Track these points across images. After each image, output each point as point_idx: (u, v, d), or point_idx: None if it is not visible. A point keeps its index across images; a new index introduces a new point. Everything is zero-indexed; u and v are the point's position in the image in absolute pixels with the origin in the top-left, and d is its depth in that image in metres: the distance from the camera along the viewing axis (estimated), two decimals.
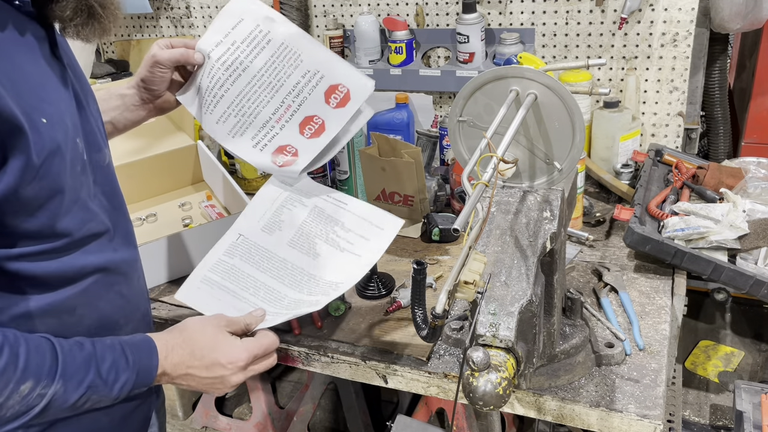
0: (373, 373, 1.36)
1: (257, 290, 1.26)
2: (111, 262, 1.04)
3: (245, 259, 1.30)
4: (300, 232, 1.32)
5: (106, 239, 1.03)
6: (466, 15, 2.04)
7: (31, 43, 0.91)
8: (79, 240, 0.97)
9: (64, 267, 0.96)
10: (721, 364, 2.67)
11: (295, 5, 2.32)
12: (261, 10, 1.28)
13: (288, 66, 1.28)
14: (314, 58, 1.28)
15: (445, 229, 1.75)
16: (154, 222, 1.97)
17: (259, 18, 1.28)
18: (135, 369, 0.98)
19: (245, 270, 1.29)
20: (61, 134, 0.90)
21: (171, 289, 1.64)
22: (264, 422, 2.40)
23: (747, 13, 1.85)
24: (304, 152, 1.30)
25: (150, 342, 1.03)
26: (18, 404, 0.85)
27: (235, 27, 1.28)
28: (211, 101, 1.30)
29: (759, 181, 1.67)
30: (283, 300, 1.24)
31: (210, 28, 1.29)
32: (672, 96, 2.03)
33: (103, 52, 2.82)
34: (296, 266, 1.29)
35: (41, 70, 0.92)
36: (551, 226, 1.12)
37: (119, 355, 0.98)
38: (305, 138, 1.30)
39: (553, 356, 1.22)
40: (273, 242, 1.31)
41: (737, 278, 1.46)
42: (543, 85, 1.09)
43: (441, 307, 0.95)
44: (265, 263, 1.29)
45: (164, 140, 2.06)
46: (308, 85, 1.29)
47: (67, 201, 0.93)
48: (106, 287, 1.04)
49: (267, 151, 1.31)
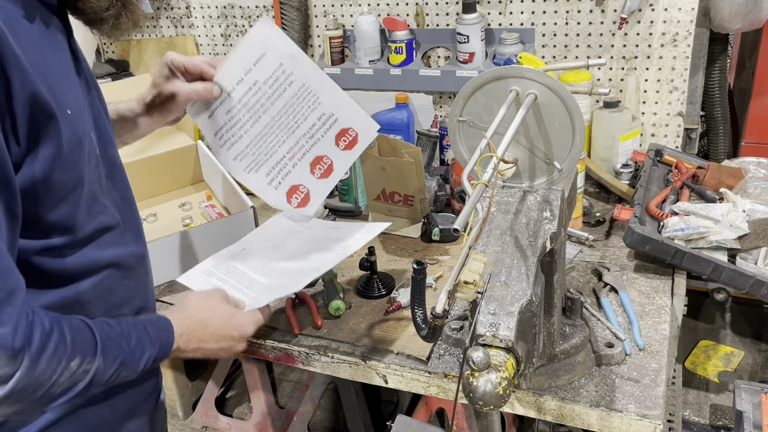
0: (373, 373, 1.36)
1: (251, 285, 1.35)
2: (122, 256, 1.06)
3: (244, 263, 1.40)
4: (298, 251, 1.43)
5: (117, 234, 1.05)
6: (466, 15, 2.04)
7: (54, 36, 0.93)
8: (93, 233, 0.99)
9: (81, 261, 0.98)
10: (721, 364, 2.67)
11: (295, 5, 2.32)
12: (284, 47, 1.26)
13: (306, 108, 1.29)
14: (331, 101, 1.30)
15: (445, 229, 1.75)
16: (155, 222, 1.97)
17: (282, 56, 1.26)
18: (156, 345, 1.03)
19: (242, 269, 1.38)
20: (81, 126, 0.92)
21: (172, 289, 1.64)
22: (264, 422, 2.40)
23: (747, 13, 1.85)
24: (315, 194, 1.35)
25: (167, 321, 1.08)
26: (67, 380, 0.89)
27: (258, 63, 1.26)
28: (229, 139, 1.32)
29: (759, 181, 1.67)
30: (274, 290, 1.33)
31: (231, 58, 1.25)
32: (672, 96, 2.03)
33: (103, 52, 2.82)
34: (289, 269, 1.38)
35: (64, 63, 0.94)
36: (551, 226, 1.12)
37: (143, 332, 1.01)
38: (315, 178, 1.34)
39: (553, 356, 1.22)
40: (273, 257, 1.42)
41: (737, 278, 1.46)
42: (543, 85, 1.09)
43: (441, 307, 0.95)
44: (262, 269, 1.39)
45: (164, 140, 2.06)
46: (322, 128, 1.31)
47: (85, 193, 0.95)
48: (117, 282, 1.06)
49: (281, 190, 1.35)
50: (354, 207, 1.97)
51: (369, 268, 1.55)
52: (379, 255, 1.72)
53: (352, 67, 2.28)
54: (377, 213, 1.85)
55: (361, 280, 1.59)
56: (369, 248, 1.54)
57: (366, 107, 2.14)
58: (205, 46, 2.61)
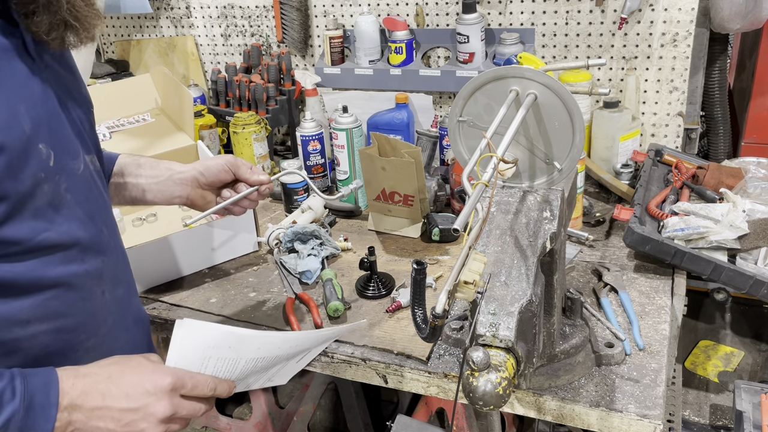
0: (373, 373, 1.36)
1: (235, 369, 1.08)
2: (75, 276, 0.96)
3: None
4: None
5: (75, 251, 0.96)
6: (466, 15, 2.04)
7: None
8: (33, 249, 0.90)
9: (14, 276, 0.89)
10: (721, 364, 2.67)
11: (295, 5, 2.32)
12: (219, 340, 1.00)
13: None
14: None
15: (445, 229, 1.75)
16: (154, 222, 1.97)
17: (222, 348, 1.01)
18: (24, 401, 0.84)
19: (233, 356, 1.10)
20: (10, 138, 0.84)
21: (170, 289, 1.64)
22: (264, 422, 2.40)
23: (747, 13, 1.85)
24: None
25: (50, 369, 0.89)
26: None
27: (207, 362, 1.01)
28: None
29: (759, 181, 1.67)
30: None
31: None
32: (672, 96, 2.03)
33: (103, 52, 2.82)
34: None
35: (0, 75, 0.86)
36: (551, 226, 1.12)
37: (5, 385, 0.84)
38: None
39: (553, 356, 1.22)
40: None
41: (737, 278, 1.46)
42: (543, 85, 1.09)
43: (441, 307, 0.95)
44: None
45: (164, 140, 2.06)
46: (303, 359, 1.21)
47: (12, 208, 0.86)
48: (68, 303, 0.97)
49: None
50: (354, 207, 1.97)
51: (369, 268, 1.55)
52: (379, 255, 1.72)
53: (352, 67, 2.28)
54: (377, 213, 1.85)
55: (361, 280, 1.59)
56: (369, 248, 1.54)
57: (366, 107, 2.17)
58: (205, 46, 2.61)
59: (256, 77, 2.33)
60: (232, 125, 2.13)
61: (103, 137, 2.03)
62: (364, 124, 2.10)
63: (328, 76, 2.33)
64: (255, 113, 2.19)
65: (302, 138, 2.03)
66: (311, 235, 1.72)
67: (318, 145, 2.04)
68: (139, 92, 2.28)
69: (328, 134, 2.06)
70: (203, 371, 1.00)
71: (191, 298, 1.61)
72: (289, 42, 2.41)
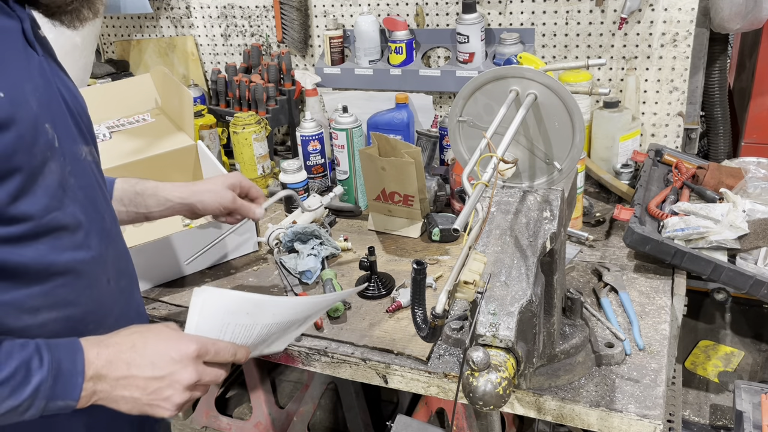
0: (373, 373, 1.36)
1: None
2: (82, 262, 0.97)
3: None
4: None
5: (81, 235, 0.97)
6: (466, 15, 2.04)
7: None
8: (43, 232, 0.90)
9: (25, 261, 0.89)
10: (721, 364, 2.67)
11: (295, 5, 2.32)
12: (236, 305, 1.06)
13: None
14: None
15: (445, 229, 1.75)
16: (154, 222, 1.97)
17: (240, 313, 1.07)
18: (51, 369, 0.85)
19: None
20: (21, 112, 0.85)
21: (170, 290, 1.64)
22: (264, 422, 2.40)
23: (747, 13, 1.85)
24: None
25: (74, 340, 0.91)
26: None
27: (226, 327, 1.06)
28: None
29: (759, 181, 1.67)
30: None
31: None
32: (672, 96, 2.03)
33: (103, 52, 2.83)
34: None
35: (6, 53, 0.87)
36: (551, 226, 1.13)
37: (31, 353, 0.85)
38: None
39: (553, 356, 1.22)
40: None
41: (737, 278, 1.46)
42: (543, 85, 1.09)
43: (441, 307, 0.95)
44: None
45: (164, 140, 2.06)
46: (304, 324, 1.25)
47: (26, 182, 0.86)
48: (77, 291, 0.97)
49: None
50: (354, 207, 1.97)
51: (369, 268, 1.55)
52: (379, 255, 1.72)
53: (352, 67, 2.28)
54: (377, 213, 1.85)
55: (360, 280, 1.59)
56: (369, 248, 1.54)
57: (366, 107, 2.17)
58: (205, 46, 2.61)
59: (256, 77, 2.33)
60: (232, 125, 2.13)
61: (103, 137, 2.03)
62: (364, 124, 2.11)
63: (328, 76, 2.33)
64: (255, 113, 2.19)
65: (302, 138, 2.03)
66: (311, 235, 1.72)
67: (318, 145, 2.04)
68: (139, 92, 2.27)
69: (328, 134, 2.06)
70: (222, 338, 1.03)
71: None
72: (289, 42, 2.41)
